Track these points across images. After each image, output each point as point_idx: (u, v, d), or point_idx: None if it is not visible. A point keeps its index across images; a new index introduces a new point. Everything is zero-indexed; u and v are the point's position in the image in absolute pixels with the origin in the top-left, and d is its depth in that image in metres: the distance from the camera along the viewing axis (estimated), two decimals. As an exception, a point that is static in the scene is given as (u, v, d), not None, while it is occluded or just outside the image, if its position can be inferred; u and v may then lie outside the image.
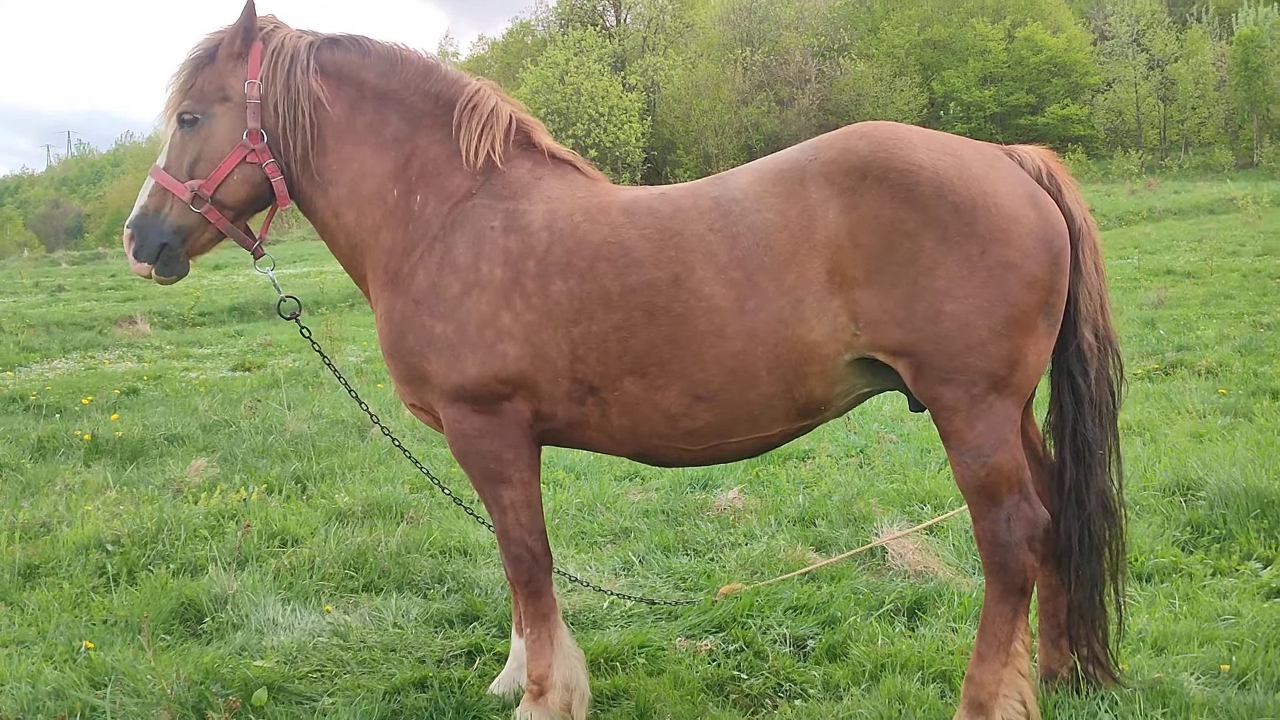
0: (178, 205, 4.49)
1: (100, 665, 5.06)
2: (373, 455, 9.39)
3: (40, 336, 20.06)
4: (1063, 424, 4.31)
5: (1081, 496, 4.27)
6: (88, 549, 6.79)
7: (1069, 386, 4.27)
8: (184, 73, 4.56)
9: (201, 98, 4.53)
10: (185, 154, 4.53)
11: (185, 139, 4.53)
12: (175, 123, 4.55)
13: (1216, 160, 54.15)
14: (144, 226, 4.49)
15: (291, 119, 4.52)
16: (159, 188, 4.51)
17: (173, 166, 4.52)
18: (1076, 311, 4.18)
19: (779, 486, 7.93)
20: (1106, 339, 4.29)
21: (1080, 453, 4.27)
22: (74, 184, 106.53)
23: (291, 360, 16.39)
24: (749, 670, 5.04)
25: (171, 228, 4.50)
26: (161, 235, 4.49)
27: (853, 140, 4.09)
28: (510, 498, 4.39)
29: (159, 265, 4.50)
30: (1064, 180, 4.22)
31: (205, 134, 4.52)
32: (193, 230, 4.54)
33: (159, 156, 4.59)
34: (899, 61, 60.40)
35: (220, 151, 4.52)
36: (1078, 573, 4.29)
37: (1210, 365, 11.21)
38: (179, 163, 4.52)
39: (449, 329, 4.27)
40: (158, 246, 4.48)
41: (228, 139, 4.52)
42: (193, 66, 4.56)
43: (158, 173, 4.51)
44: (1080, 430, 4.26)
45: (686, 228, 4.15)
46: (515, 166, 4.52)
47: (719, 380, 4.10)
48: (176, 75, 4.57)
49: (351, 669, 5.16)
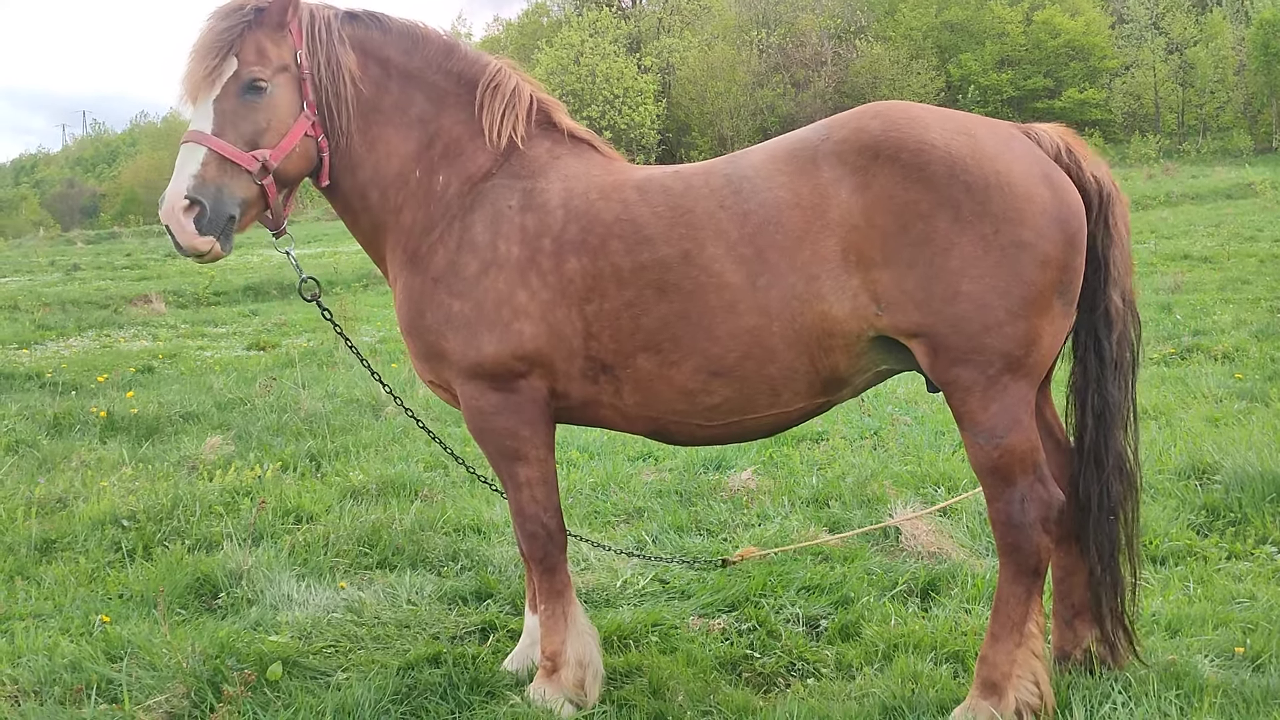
0: (242, 176, 4.18)
1: (116, 639, 5.08)
2: (387, 434, 9.43)
3: (56, 315, 20.18)
4: (1085, 385, 4.27)
5: (1100, 457, 4.24)
6: (104, 524, 6.84)
7: (1093, 348, 4.24)
8: (228, 36, 4.22)
9: (267, 64, 4.26)
10: (246, 122, 4.22)
11: (247, 106, 4.22)
12: (232, 88, 4.21)
13: (1235, 145, 53.78)
14: (207, 197, 4.11)
15: (335, 93, 4.40)
16: (215, 156, 4.14)
17: (228, 134, 4.18)
18: (1107, 275, 4.16)
19: (792, 468, 7.92)
20: (1130, 302, 4.28)
21: (1101, 415, 4.24)
22: (89, 164, 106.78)
23: (306, 340, 16.45)
24: (762, 649, 5.04)
25: (238, 199, 4.19)
26: (228, 206, 4.16)
27: (865, 119, 4.08)
28: (526, 474, 4.40)
29: (223, 240, 4.17)
30: (1083, 153, 4.18)
31: (272, 103, 4.27)
32: (252, 204, 4.26)
33: (201, 121, 4.19)
34: (916, 44, 60.05)
35: (286, 123, 4.30)
36: (1095, 535, 4.27)
37: (1227, 350, 11.17)
38: (236, 131, 4.19)
39: (467, 307, 4.27)
40: (226, 219, 4.16)
41: (290, 110, 4.32)
42: (239, 30, 4.24)
43: (211, 140, 4.15)
44: (1102, 392, 4.23)
45: (697, 205, 4.15)
46: (534, 146, 4.52)
47: (735, 355, 4.10)
48: (218, 38, 4.22)
49: (366, 645, 5.17)
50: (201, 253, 4.12)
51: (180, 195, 4.07)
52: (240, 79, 4.21)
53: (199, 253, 4.11)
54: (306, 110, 4.34)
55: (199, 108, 4.22)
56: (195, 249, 4.10)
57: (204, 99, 4.21)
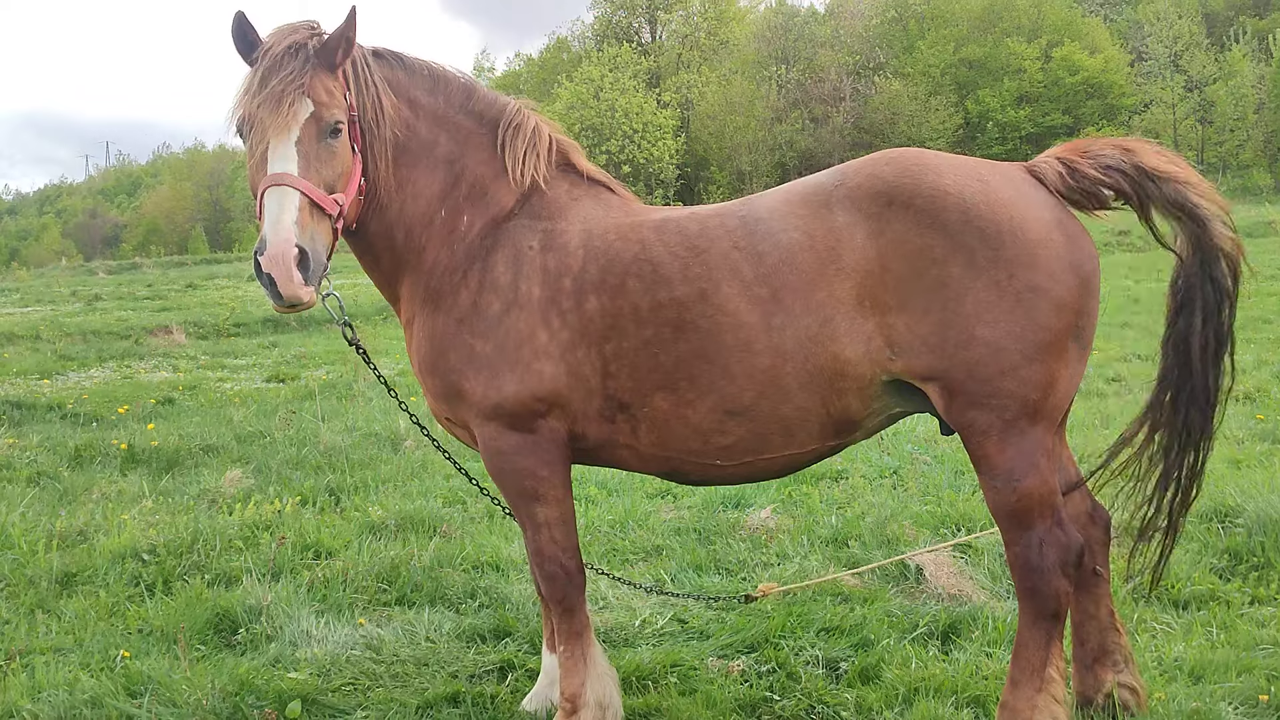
0: (325, 222, 4.05)
1: (137, 674, 5.10)
2: (406, 469, 9.44)
3: (77, 345, 20.30)
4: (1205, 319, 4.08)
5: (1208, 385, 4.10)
6: (124, 558, 6.86)
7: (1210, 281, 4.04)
8: (299, 75, 4.08)
9: (338, 106, 4.17)
10: (327, 166, 4.10)
11: (327, 149, 4.11)
12: (311, 130, 4.07)
13: (1255, 183, 53.57)
14: (307, 244, 3.92)
15: (376, 135, 4.37)
16: (307, 201, 3.98)
17: (312, 178, 4.03)
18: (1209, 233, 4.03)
19: (812, 506, 7.91)
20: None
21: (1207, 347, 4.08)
22: (111, 194, 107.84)
23: (325, 372, 16.50)
24: (781, 691, 5.02)
25: (326, 246, 4.04)
26: (323, 253, 4.01)
27: (879, 166, 4.10)
28: (545, 515, 4.40)
29: (317, 289, 4.00)
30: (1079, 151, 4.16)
31: (342, 145, 4.18)
32: (331, 251, 4.12)
33: (284, 163, 4.00)
34: (934, 81, 60.21)
35: (348, 166, 4.21)
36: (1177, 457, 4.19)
37: (1248, 390, 11.11)
38: (319, 175, 4.07)
39: (489, 347, 4.28)
40: (323, 267, 4.02)
41: (349, 153, 4.23)
42: (308, 69, 4.11)
43: (303, 184, 3.98)
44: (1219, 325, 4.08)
45: (713, 245, 4.18)
46: (554, 187, 4.56)
47: (750, 395, 4.11)
48: (291, 77, 4.07)
49: (384, 682, 5.17)
50: (302, 303, 3.92)
51: (291, 243, 3.86)
52: (321, 121, 4.11)
53: (299, 303, 3.91)
54: (356, 152, 4.29)
55: (278, 149, 4.02)
56: (299, 299, 3.90)
57: (284, 140, 4.03)
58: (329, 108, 4.13)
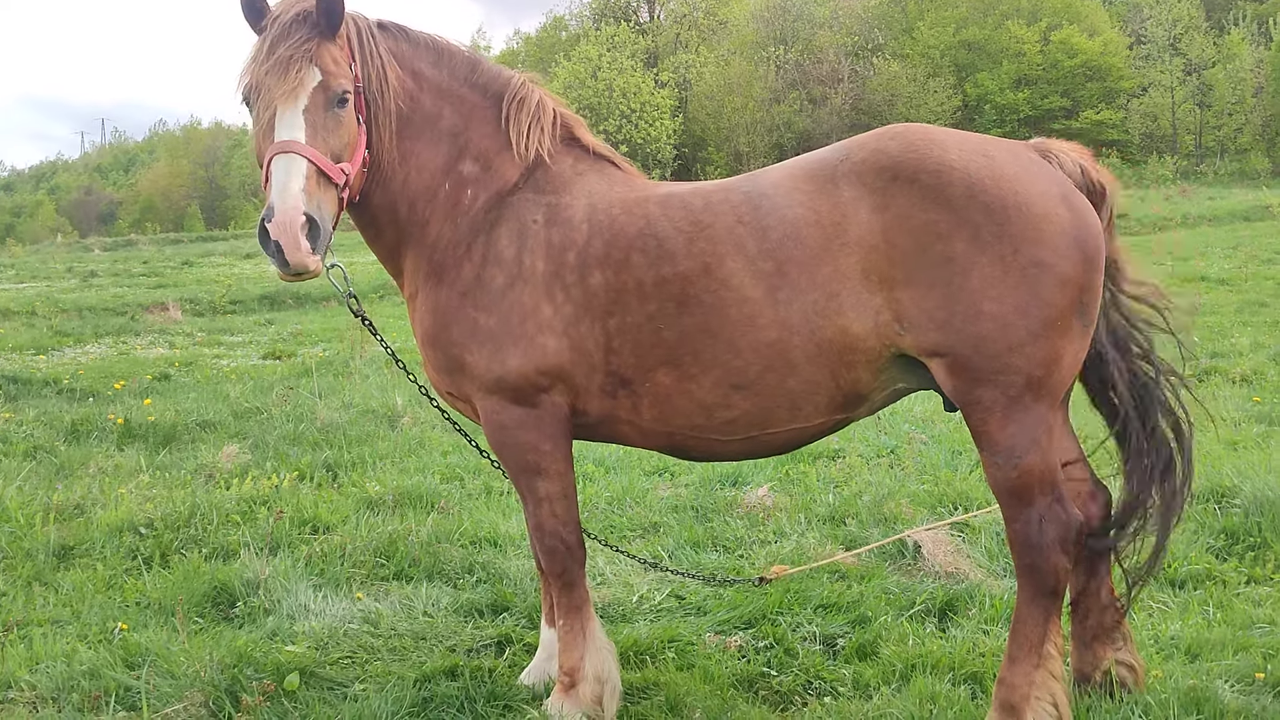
0: (331, 191, 4.01)
1: (134, 646, 5.11)
2: (403, 445, 9.45)
3: (73, 321, 20.30)
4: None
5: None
6: (121, 531, 6.86)
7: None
8: (306, 44, 4.05)
9: (345, 75, 4.12)
10: (334, 135, 4.06)
11: (334, 119, 4.07)
12: (320, 99, 4.04)
13: (1253, 167, 53.53)
14: (314, 212, 3.88)
15: (380, 107, 4.33)
16: (314, 169, 3.95)
17: (319, 146, 3.99)
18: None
19: (809, 485, 7.91)
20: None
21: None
22: (106, 171, 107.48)
23: (321, 349, 16.49)
24: (779, 667, 5.03)
25: (332, 215, 4.01)
26: (328, 223, 3.97)
27: (884, 141, 4.10)
28: (546, 489, 4.40)
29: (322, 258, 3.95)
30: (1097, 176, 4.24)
31: (348, 115, 4.13)
32: (336, 220, 4.10)
33: (292, 130, 3.97)
34: (933, 63, 60.02)
35: (354, 136, 4.17)
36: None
37: (1245, 373, 11.15)
38: (327, 143, 4.02)
39: (493, 321, 4.27)
40: (329, 236, 3.97)
41: (355, 123, 4.18)
42: (314, 37, 4.07)
43: (311, 152, 3.95)
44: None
45: (717, 220, 4.17)
46: (558, 161, 4.54)
47: (756, 368, 4.10)
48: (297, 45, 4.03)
49: (382, 656, 5.18)
50: (309, 272, 3.88)
51: (299, 210, 3.82)
52: (329, 90, 4.07)
53: (306, 271, 3.86)
54: (360, 123, 4.24)
55: (285, 116, 3.99)
56: (305, 267, 3.84)
57: (290, 108, 4.00)
58: (336, 77, 4.09)
